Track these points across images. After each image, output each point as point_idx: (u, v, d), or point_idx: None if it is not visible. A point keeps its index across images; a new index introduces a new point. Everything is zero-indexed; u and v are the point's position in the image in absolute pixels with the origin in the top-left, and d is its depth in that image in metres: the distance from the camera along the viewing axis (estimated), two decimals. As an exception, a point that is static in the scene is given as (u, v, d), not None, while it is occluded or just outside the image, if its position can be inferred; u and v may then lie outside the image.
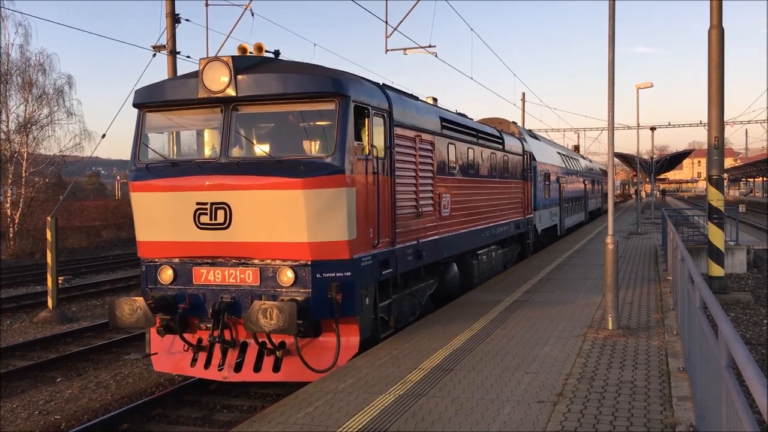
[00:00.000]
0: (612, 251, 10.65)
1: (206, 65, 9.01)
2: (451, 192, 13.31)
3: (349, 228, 8.84)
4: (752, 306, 16.99)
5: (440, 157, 12.74)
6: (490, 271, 16.82)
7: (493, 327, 10.78)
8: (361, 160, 9.22)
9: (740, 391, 3.57)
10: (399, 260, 10.47)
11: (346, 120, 8.92)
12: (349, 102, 9.00)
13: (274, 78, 8.96)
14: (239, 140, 9.35)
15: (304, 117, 9.39)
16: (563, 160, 31.28)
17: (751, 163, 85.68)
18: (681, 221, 31.18)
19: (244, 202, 8.67)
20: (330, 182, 8.68)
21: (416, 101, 12.33)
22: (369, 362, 8.73)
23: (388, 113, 10.19)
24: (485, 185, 16.16)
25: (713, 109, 17.09)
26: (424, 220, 11.69)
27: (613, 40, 10.77)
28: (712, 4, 17.00)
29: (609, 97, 10.83)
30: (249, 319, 8.21)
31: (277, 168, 8.70)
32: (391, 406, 6.98)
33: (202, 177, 8.88)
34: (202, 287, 9.06)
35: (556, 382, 7.65)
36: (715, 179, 17.49)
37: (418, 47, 21.29)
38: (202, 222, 8.82)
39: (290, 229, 8.64)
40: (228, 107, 9.12)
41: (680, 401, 6.88)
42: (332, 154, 8.79)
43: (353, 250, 8.94)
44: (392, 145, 10.29)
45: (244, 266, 8.89)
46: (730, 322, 4.22)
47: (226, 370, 9.02)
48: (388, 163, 10.10)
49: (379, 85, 10.66)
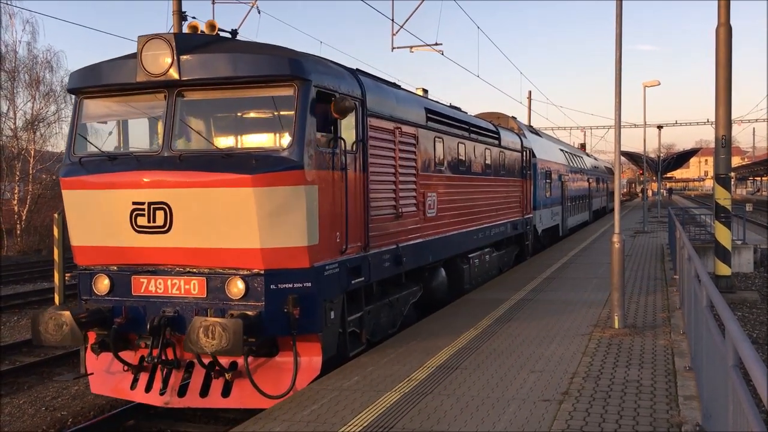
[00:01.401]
0: (618, 250, 10.63)
1: (145, 44, 7.85)
2: (438, 191, 12.32)
3: (309, 232, 7.78)
4: (759, 305, 16.92)
5: (425, 153, 11.73)
6: (484, 275, 15.85)
7: (498, 325, 10.77)
8: (325, 154, 8.18)
9: (747, 390, 3.56)
10: (373, 267, 9.42)
11: (306, 107, 7.84)
12: (310, 87, 7.90)
13: (222, 59, 7.84)
14: (185, 131, 8.25)
15: (257, 104, 8.41)
16: (566, 157, 30.54)
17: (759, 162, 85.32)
18: (688, 220, 31.10)
19: (187, 201, 7.65)
20: (286, 179, 7.63)
21: (397, 90, 11.22)
22: (374, 360, 8.73)
23: (360, 101, 9.11)
24: (478, 183, 15.12)
25: (720, 107, 17.02)
26: (404, 221, 10.68)
27: (620, 38, 10.74)
28: (719, 2, 16.91)
29: (616, 96, 10.81)
30: (189, 338, 7.19)
31: (225, 163, 7.66)
32: (397, 403, 6.98)
33: (139, 173, 7.79)
34: (142, 299, 7.99)
35: (561, 381, 7.63)
36: (722, 178, 17.42)
37: (425, 45, 21.28)
38: (140, 224, 7.77)
39: (240, 233, 7.60)
40: (172, 93, 8.01)
41: (686, 400, 6.87)
42: (289, 147, 7.72)
43: (314, 257, 7.89)
44: (365, 137, 9.21)
45: (189, 276, 7.83)
46: (736, 321, 4.21)
47: (169, 394, 8.01)
48: (360, 158, 9.04)
49: (351, 70, 9.58)
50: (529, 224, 20.53)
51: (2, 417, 9.64)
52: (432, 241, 11.93)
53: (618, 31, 10.73)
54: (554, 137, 36.81)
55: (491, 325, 10.81)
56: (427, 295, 12.36)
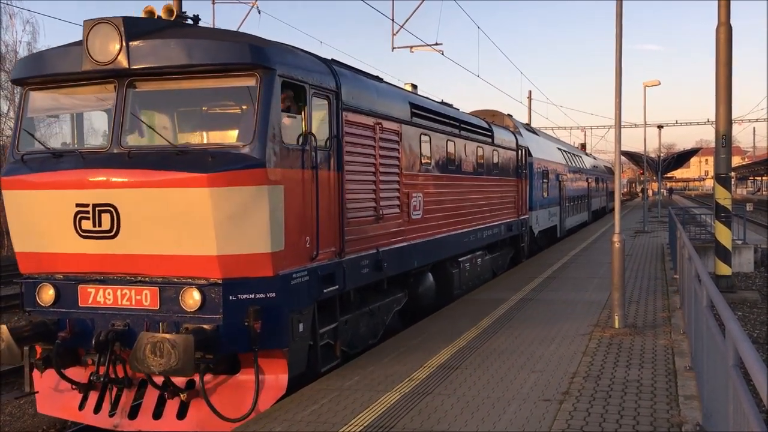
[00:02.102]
0: (618, 249, 10.63)
1: (92, 29, 7.12)
2: (424, 191, 11.61)
3: (272, 237, 7.09)
4: (759, 305, 16.92)
5: (410, 150, 11.03)
6: (476, 279, 15.19)
7: (499, 325, 10.77)
8: (293, 152, 7.51)
9: (747, 390, 3.56)
10: (348, 274, 8.71)
11: (270, 99, 7.14)
12: (275, 77, 7.22)
13: (175, 45, 7.11)
14: (136, 125, 7.54)
15: (216, 95, 7.73)
16: (564, 156, 29.99)
17: (759, 162, 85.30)
18: (688, 220, 31.09)
19: (135, 203, 6.96)
20: (246, 178, 6.95)
21: (378, 83, 10.52)
22: (375, 360, 8.73)
23: (335, 94, 8.44)
24: (469, 183, 14.39)
25: (721, 107, 17.02)
26: (386, 224, 9.97)
27: (620, 37, 10.74)
28: (719, 2, 16.91)
29: (616, 95, 10.81)
30: (134, 356, 6.53)
31: (179, 160, 6.98)
32: (397, 403, 6.99)
33: (83, 171, 7.11)
34: (90, 311, 7.28)
35: (562, 381, 7.64)
36: (722, 177, 17.42)
37: (425, 45, 21.30)
38: (84, 229, 7.09)
39: (195, 238, 6.92)
40: (122, 83, 7.30)
41: (687, 400, 6.87)
42: (251, 143, 7.02)
43: (279, 265, 7.21)
44: (340, 133, 8.53)
45: (141, 285, 7.13)
46: (737, 321, 4.21)
47: (119, 415, 7.37)
48: (334, 156, 8.38)
49: (326, 60, 8.89)
50: (524, 225, 19.93)
51: (3, 417, 9.64)
52: (417, 244, 11.25)
53: (618, 30, 10.73)
54: (552, 136, 36.28)
55: (492, 324, 10.81)
56: (413, 302, 11.72)
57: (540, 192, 22.76)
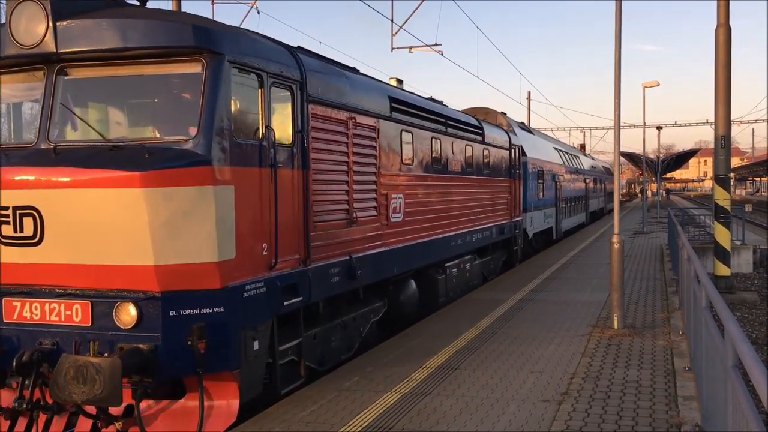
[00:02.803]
0: (617, 250, 10.64)
1: (15, 8, 6.36)
2: (405, 192, 10.82)
3: (220, 244, 6.27)
4: (758, 306, 16.94)
5: (389, 148, 10.24)
6: (464, 285, 14.34)
7: (498, 325, 10.78)
8: (247, 148, 6.73)
9: (746, 391, 3.56)
10: (315, 283, 7.89)
11: (217, 88, 6.34)
12: (224, 62, 6.43)
13: (108, 26, 6.28)
14: (68, 118, 6.69)
15: (158, 84, 6.76)
16: (561, 156, 29.39)
17: (758, 163, 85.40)
18: (687, 220, 31.11)
19: (61, 206, 6.11)
20: (188, 178, 6.13)
21: (352, 74, 9.69)
22: (374, 360, 8.74)
23: (299, 84, 7.65)
24: (457, 184, 13.57)
25: (720, 107, 17.04)
26: (361, 228, 9.20)
27: (619, 38, 10.75)
28: (718, 3, 16.93)
29: (615, 96, 10.82)
30: (55, 382, 5.78)
31: (112, 157, 6.15)
32: (396, 404, 6.99)
33: (4, 170, 6.31)
34: (16, 327, 6.44)
35: (561, 381, 7.64)
36: (721, 178, 17.44)
37: (424, 45, 21.31)
38: (4, 235, 6.26)
39: (129, 246, 6.09)
40: (51, 70, 6.51)
41: (686, 401, 6.87)
42: (195, 138, 6.23)
43: (229, 276, 6.38)
44: (306, 128, 7.74)
45: (71, 299, 6.30)
46: (736, 321, 4.21)
47: None
48: (298, 153, 7.59)
49: (289, 47, 8.10)
50: (518, 228, 19.23)
51: (1, 417, 9.61)
52: (397, 249, 10.44)
53: (617, 31, 10.74)
54: (549, 136, 35.25)
55: (491, 325, 10.82)
56: (395, 311, 10.91)
57: (535, 193, 22.18)
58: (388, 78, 12.67)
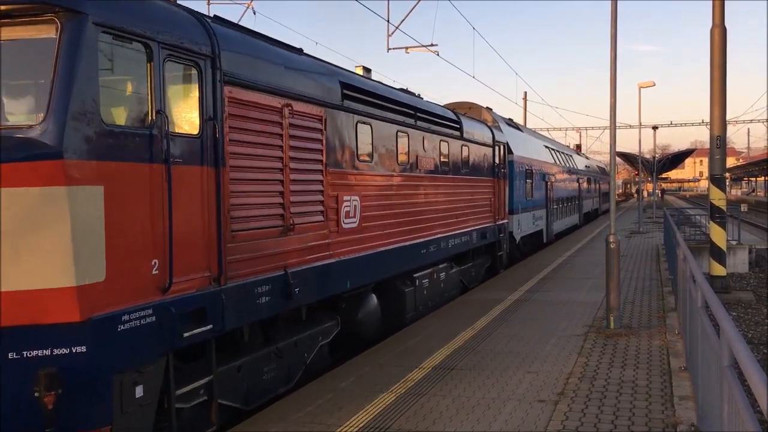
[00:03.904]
0: (614, 250, 10.66)
1: None
2: (362, 194, 9.45)
3: (80, 263, 4.84)
4: (754, 305, 16.97)
5: (340, 142, 8.85)
6: (438, 297, 12.93)
7: (495, 325, 10.79)
8: (126, 138, 5.31)
9: (742, 390, 3.57)
10: (233, 306, 6.44)
11: (76, 57, 4.93)
12: (86, 24, 5.02)
13: None
14: None
15: (3, 51, 5.07)
16: (552, 155, 28.12)
17: (753, 163, 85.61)
18: (683, 220, 31.16)
19: None
20: (30, 175, 4.77)
21: (289, 53, 8.17)
22: (370, 361, 8.74)
23: (210, 60, 6.25)
24: (428, 184, 12.23)
25: (715, 108, 17.09)
26: (301, 236, 7.80)
27: (615, 38, 10.77)
28: (714, 4, 16.97)
29: (611, 96, 10.85)
30: None
31: None
32: (393, 404, 6.99)
33: None
34: None
35: (557, 382, 7.65)
36: (717, 178, 17.48)
37: (420, 46, 21.30)
38: None
39: None
40: None
41: (682, 400, 6.89)
42: (42, 122, 4.83)
43: (95, 304, 4.93)
44: (220, 114, 6.36)
45: None
46: (731, 321, 4.22)
47: None
48: (208, 146, 6.20)
49: (197, 14, 6.57)
50: (503, 231, 17.77)
51: None
52: (351, 260, 9.04)
53: (613, 31, 10.76)
54: (540, 134, 33.68)
55: (487, 325, 10.83)
56: (351, 329, 9.62)
57: (522, 193, 20.86)
58: (354, 66, 11.30)
